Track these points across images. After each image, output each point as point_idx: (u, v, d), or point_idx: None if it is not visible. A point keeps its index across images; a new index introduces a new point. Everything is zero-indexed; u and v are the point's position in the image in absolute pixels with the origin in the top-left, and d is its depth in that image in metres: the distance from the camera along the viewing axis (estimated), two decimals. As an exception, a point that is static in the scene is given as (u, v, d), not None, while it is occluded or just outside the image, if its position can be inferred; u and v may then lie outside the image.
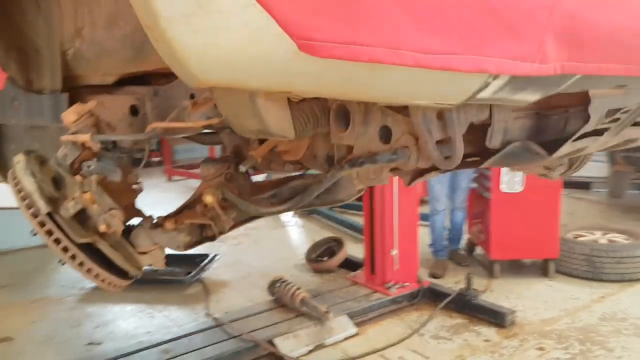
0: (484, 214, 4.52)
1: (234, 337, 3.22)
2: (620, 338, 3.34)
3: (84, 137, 1.08)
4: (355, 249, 4.87)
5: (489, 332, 3.46)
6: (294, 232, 6.34)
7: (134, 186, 1.31)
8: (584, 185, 8.35)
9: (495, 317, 3.55)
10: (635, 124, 1.30)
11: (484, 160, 1.12)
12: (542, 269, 4.45)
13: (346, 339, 3.39)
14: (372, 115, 1.08)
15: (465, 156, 1.02)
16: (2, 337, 3.54)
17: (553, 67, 0.79)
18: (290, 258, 5.08)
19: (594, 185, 8.34)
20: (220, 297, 4.16)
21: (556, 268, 4.43)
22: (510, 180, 4.26)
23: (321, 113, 1.10)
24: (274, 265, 4.92)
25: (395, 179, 3.83)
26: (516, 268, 4.58)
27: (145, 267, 4.36)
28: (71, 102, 1.32)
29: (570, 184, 8.30)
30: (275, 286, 3.72)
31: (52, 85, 1.35)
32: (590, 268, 4.28)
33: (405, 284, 3.94)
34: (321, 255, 4.88)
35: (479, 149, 1.11)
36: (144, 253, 1.30)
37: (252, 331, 3.27)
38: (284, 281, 3.73)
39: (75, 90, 1.37)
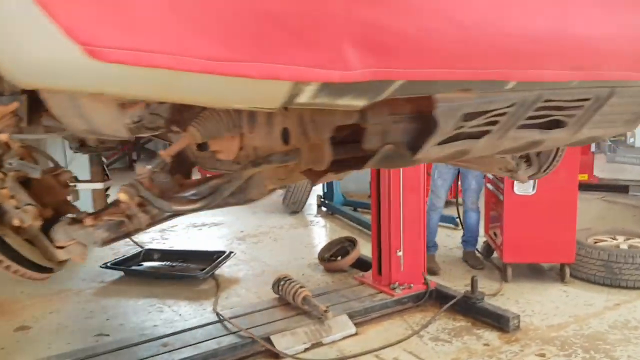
0: (500, 216, 4.43)
1: (233, 333, 3.29)
2: (629, 347, 3.22)
3: (3, 137, 1.16)
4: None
5: (490, 336, 3.41)
6: (315, 231, 6.38)
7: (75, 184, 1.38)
8: (622, 189, 8.05)
9: (499, 321, 3.49)
10: (544, 127, 1.28)
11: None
12: (559, 274, 4.34)
13: (344, 338, 3.41)
14: (275, 117, 1.11)
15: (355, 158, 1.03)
16: (20, 325, 3.73)
17: (361, 73, 0.79)
18: (305, 257, 5.13)
19: (633, 188, 8.02)
20: (230, 294, 4.25)
21: (573, 273, 4.31)
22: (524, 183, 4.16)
23: (236, 114, 1.14)
24: (288, 263, 4.99)
25: (402, 178, 3.84)
26: (533, 272, 4.48)
27: (160, 263, 4.43)
28: (31, 105, 1.40)
29: (607, 187, 8.02)
30: (279, 284, 3.77)
31: (11, 86, 1.44)
32: (608, 274, 4.14)
33: (411, 286, 3.91)
34: (335, 255, 4.90)
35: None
36: (62, 247, 1.36)
37: (250, 327, 3.33)
38: (288, 279, 3.77)
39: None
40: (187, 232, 6.32)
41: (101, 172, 3.06)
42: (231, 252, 4.96)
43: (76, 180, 1.50)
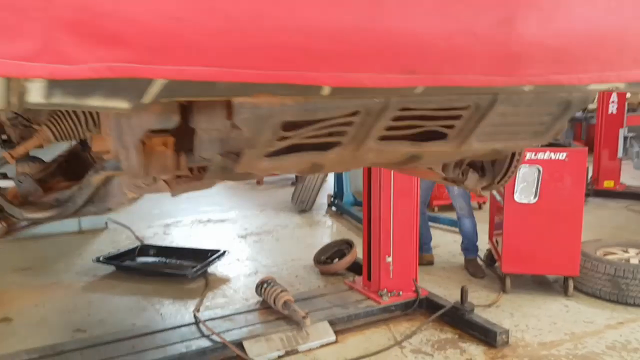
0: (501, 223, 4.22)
1: (205, 336, 3.20)
2: (624, 371, 3.00)
3: None
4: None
5: (476, 350, 3.22)
6: (319, 232, 6.26)
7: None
8: (649, 198, 7.64)
9: (486, 335, 3.30)
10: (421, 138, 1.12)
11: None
12: (563, 287, 4.10)
13: (322, 346, 3.28)
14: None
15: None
16: (4, 317, 3.74)
17: (90, 68, 0.66)
18: (303, 258, 5.00)
19: (662, 197, 7.60)
20: (217, 294, 4.17)
21: (578, 287, 4.06)
22: (525, 190, 3.95)
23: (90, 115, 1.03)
24: (283, 264, 4.88)
25: (393, 182, 3.67)
26: (537, 284, 4.25)
27: (153, 259, 4.37)
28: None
29: (634, 196, 7.62)
30: (262, 287, 3.67)
31: None
32: (614, 289, 3.89)
33: (400, 293, 3.75)
34: (332, 257, 4.77)
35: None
36: None
37: (225, 331, 3.24)
38: (271, 282, 3.66)
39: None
40: (190, 228, 6.29)
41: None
42: (225, 251, 4.87)
43: None
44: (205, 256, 4.78)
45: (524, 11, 0.93)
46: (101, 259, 4.68)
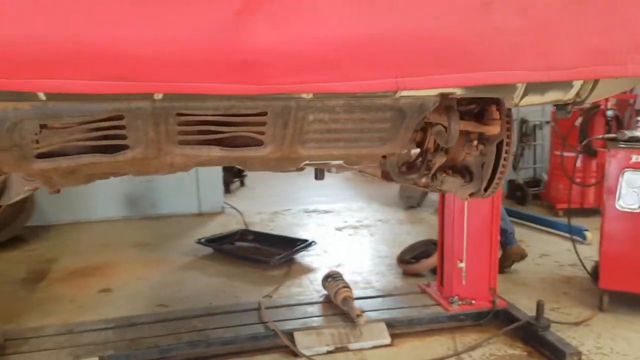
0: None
1: (262, 322, 3.32)
2: None
3: None
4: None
5: (540, 372, 2.93)
6: (420, 230, 6.08)
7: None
8: None
9: (555, 355, 2.98)
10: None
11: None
12: (680, 312, 3.54)
13: (375, 347, 3.21)
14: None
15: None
16: (104, 287, 4.22)
17: None
18: (390, 256, 4.91)
19: None
20: (294, 283, 4.28)
21: (697, 314, 3.48)
22: (629, 196, 3.46)
23: None
24: (368, 260, 4.85)
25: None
26: (641, 305, 3.72)
27: (248, 244, 4.57)
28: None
29: None
30: (327, 280, 3.69)
31: None
32: None
33: (472, 302, 3.53)
34: (417, 257, 4.62)
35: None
36: None
37: (281, 320, 3.32)
38: (336, 277, 3.67)
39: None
40: (295, 216, 6.50)
41: None
42: (312, 242, 4.98)
43: None
44: (294, 245, 4.93)
45: (258, 17, 0.84)
46: (202, 240, 5.05)
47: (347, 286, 3.55)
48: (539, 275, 4.40)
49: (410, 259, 4.59)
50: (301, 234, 5.53)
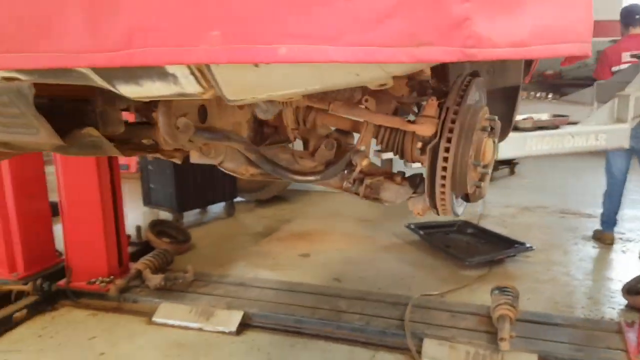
0: None
1: (397, 319, 3.11)
2: None
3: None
4: None
5: None
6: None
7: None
8: None
9: None
10: None
11: None
12: None
13: (512, 382, 2.67)
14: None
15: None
16: (305, 252, 4.56)
17: None
18: (624, 280, 3.90)
19: None
20: (479, 288, 3.81)
21: None
22: None
23: None
24: (587, 282, 3.96)
25: None
26: None
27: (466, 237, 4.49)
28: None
29: None
30: (494, 292, 3.20)
31: None
32: None
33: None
34: (657, 290, 3.55)
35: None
36: None
37: (421, 323, 3.07)
38: (505, 291, 3.14)
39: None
40: (542, 216, 5.69)
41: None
42: (529, 247, 4.32)
43: None
44: (507, 247, 4.39)
45: None
46: (412, 226, 4.93)
47: (511, 303, 3.01)
48: None
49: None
50: (537, 237, 4.84)
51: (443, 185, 1.30)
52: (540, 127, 2.69)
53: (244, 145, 1.43)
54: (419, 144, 1.34)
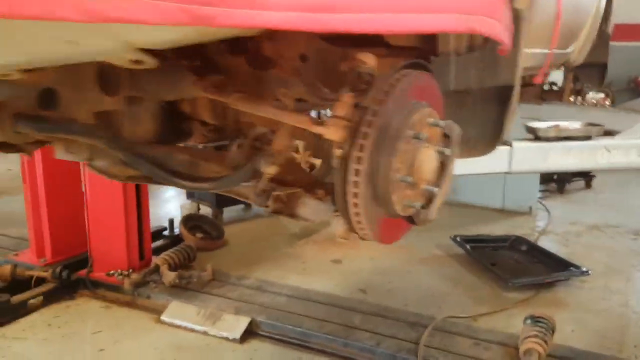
0: None
1: (415, 343, 2.81)
2: None
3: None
4: None
5: None
6: None
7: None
8: None
9: None
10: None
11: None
12: None
13: None
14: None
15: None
16: (338, 258, 4.31)
17: None
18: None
19: None
20: (520, 313, 3.39)
21: None
22: None
23: None
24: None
25: None
26: None
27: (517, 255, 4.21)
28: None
29: None
30: (526, 321, 2.81)
31: None
32: None
33: None
34: None
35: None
36: None
37: (435, 348, 2.75)
38: (541, 321, 2.76)
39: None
40: (612, 237, 5.09)
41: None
42: (585, 271, 3.83)
43: None
44: (561, 269, 3.93)
45: None
46: (457, 238, 4.54)
47: (541, 337, 2.63)
48: None
49: None
50: (599, 260, 4.33)
51: (356, 205, 1.03)
52: (566, 137, 2.28)
53: (104, 140, 1.21)
54: (338, 151, 1.06)
